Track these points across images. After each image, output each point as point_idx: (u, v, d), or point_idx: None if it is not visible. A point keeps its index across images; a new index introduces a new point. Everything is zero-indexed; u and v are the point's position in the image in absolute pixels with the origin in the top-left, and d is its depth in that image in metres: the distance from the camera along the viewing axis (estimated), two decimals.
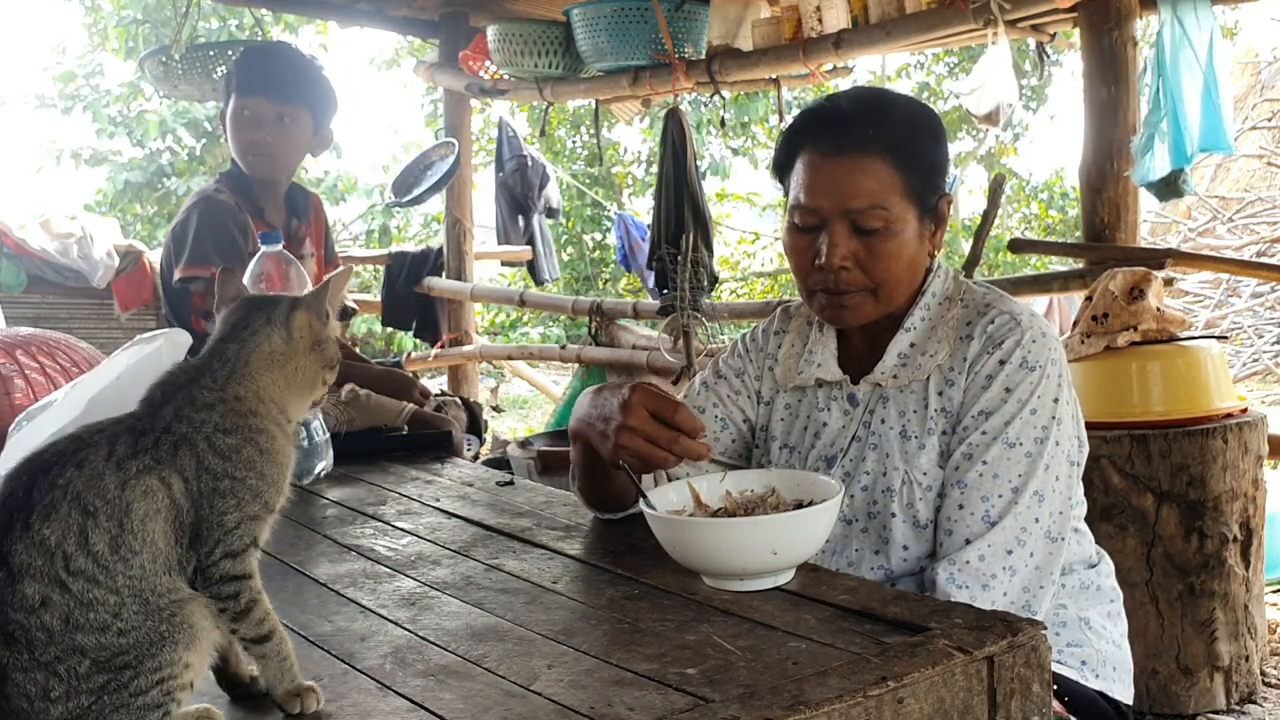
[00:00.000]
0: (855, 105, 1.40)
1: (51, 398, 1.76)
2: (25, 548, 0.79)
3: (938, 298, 1.44)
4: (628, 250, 8.34)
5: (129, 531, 0.83)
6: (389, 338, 9.26)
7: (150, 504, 0.85)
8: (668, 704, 0.87)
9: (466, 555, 1.33)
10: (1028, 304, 1.50)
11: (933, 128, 1.42)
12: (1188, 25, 3.03)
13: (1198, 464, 2.57)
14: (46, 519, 0.80)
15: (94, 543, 0.81)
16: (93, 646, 0.79)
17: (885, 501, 1.38)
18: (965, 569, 1.28)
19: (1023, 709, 0.95)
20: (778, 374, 1.53)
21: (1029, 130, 11.50)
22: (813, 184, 1.38)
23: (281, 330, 0.94)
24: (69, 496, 0.82)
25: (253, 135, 2.36)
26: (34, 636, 0.78)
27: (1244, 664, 2.66)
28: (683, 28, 4.05)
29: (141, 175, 10.55)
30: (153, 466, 0.85)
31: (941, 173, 1.42)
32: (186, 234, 2.30)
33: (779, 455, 1.51)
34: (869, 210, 1.35)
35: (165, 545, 0.85)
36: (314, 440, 1.75)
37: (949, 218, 1.46)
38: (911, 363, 1.41)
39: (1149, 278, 2.74)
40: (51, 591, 0.79)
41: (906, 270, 1.40)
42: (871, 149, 1.35)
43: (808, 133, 1.40)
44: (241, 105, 2.36)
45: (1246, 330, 6.99)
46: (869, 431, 1.42)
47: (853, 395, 1.45)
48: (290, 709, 0.90)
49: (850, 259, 1.37)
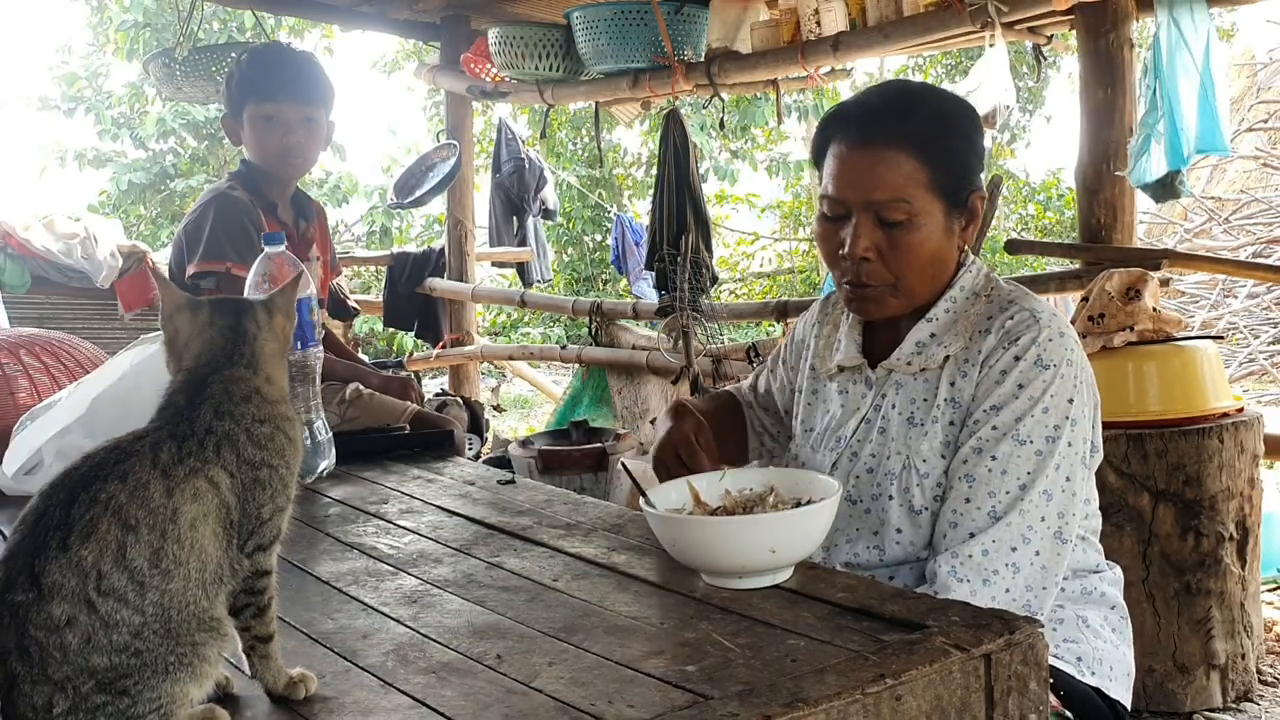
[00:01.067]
0: (884, 99, 1.42)
1: (55, 398, 1.77)
2: (60, 568, 0.78)
3: (965, 292, 1.45)
4: (621, 253, 8.37)
5: (173, 540, 0.82)
6: (390, 338, 9.27)
7: (200, 507, 0.85)
8: (667, 701, 0.87)
9: (468, 553, 1.34)
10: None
11: (964, 124, 1.43)
12: (1184, 27, 3.04)
13: (1194, 463, 2.58)
14: (85, 539, 0.79)
15: (132, 558, 0.80)
16: (103, 667, 0.78)
17: (885, 484, 1.40)
18: (967, 562, 1.29)
19: (1020, 706, 0.95)
20: (816, 366, 1.59)
21: (1026, 132, 11.51)
22: (839, 175, 1.41)
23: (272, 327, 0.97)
24: (110, 511, 0.81)
25: (285, 139, 2.38)
26: (50, 654, 0.77)
27: (1240, 662, 2.67)
28: (682, 30, 4.06)
29: (145, 176, 10.56)
30: (199, 468, 0.86)
31: (971, 168, 1.43)
32: (201, 230, 2.31)
33: (801, 436, 1.57)
34: (891, 202, 1.37)
35: (215, 550, 0.85)
36: (316, 439, 1.75)
37: (983, 213, 1.47)
38: (927, 351, 1.42)
39: (1145, 278, 2.75)
40: (78, 612, 0.78)
41: (929, 264, 1.41)
42: (895, 142, 1.37)
43: (838, 125, 1.43)
44: (267, 111, 2.37)
45: (1242, 330, 7.00)
46: (878, 414, 1.45)
47: (868, 378, 1.48)
48: (296, 696, 0.92)
49: (873, 250, 1.39)
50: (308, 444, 1.74)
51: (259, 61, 2.48)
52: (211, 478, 0.87)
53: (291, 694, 0.92)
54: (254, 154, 2.43)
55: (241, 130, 2.43)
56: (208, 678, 0.85)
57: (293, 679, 0.93)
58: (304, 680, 0.93)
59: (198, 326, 0.94)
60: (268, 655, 0.92)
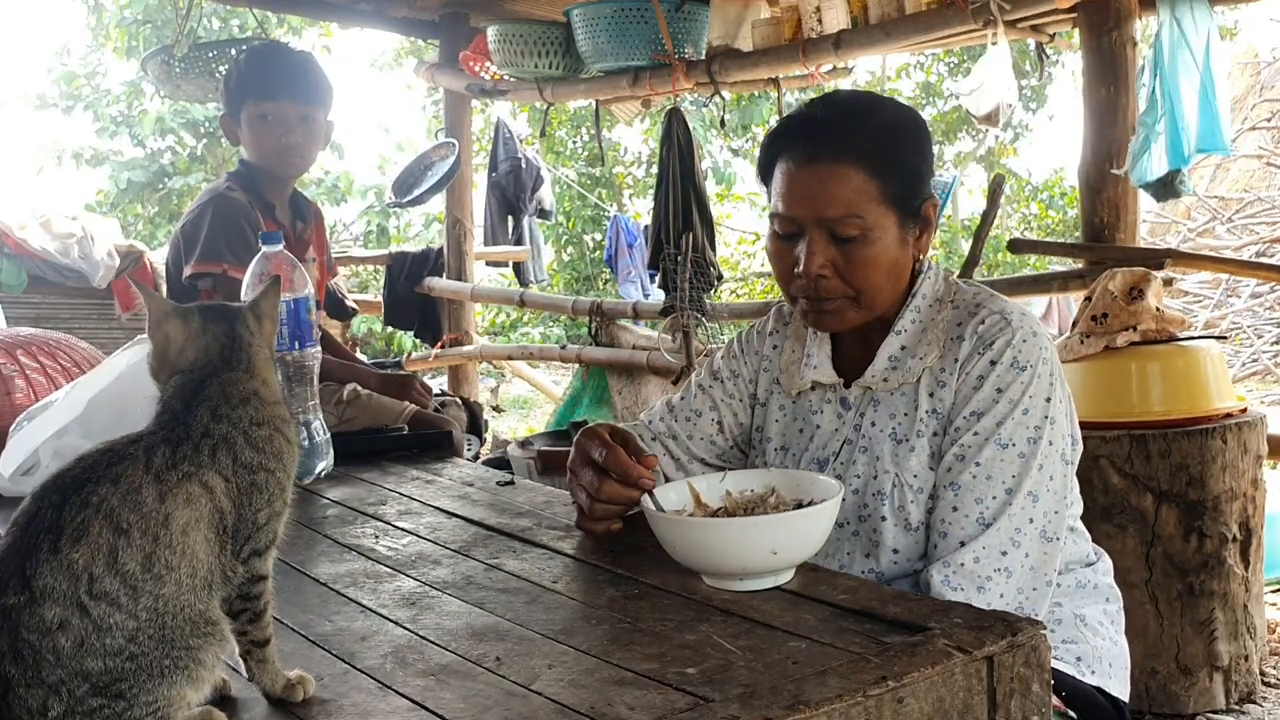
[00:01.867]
0: (830, 113, 1.39)
1: (52, 397, 1.77)
2: (50, 571, 0.78)
3: (928, 299, 1.44)
4: (614, 252, 8.38)
5: (165, 545, 0.82)
6: (389, 338, 9.27)
7: (192, 512, 0.84)
8: (668, 703, 0.87)
9: (467, 555, 1.33)
10: (1026, 304, 1.50)
11: (912, 133, 1.41)
12: (1185, 26, 3.03)
13: (1197, 464, 2.57)
14: (76, 542, 0.79)
15: (124, 562, 0.79)
16: (98, 671, 0.78)
17: (875, 505, 1.38)
18: (960, 571, 1.28)
19: (1022, 708, 0.95)
20: (783, 381, 1.53)
21: (1029, 130, 11.52)
22: (789, 193, 1.38)
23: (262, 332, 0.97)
24: (101, 515, 0.80)
25: (284, 138, 2.38)
26: (43, 658, 0.77)
27: (1243, 664, 2.66)
28: (683, 28, 4.05)
29: (143, 175, 10.56)
30: (193, 472, 0.85)
31: (922, 178, 1.41)
32: (199, 231, 2.30)
33: (774, 457, 1.52)
34: (844, 219, 1.35)
35: (206, 556, 0.85)
36: (314, 440, 1.74)
37: (936, 221, 1.45)
38: (902, 365, 1.41)
39: (1148, 278, 2.74)
40: (70, 615, 0.77)
41: (887, 276, 1.39)
42: (845, 157, 1.35)
43: (785, 140, 1.40)
44: (265, 110, 2.37)
45: (1246, 330, 7.00)
46: (860, 434, 1.42)
47: (845, 399, 1.45)
48: (295, 698, 0.92)
49: (828, 267, 1.37)
50: (305, 445, 1.74)
51: (257, 60, 2.47)
52: (205, 482, 0.86)
53: (289, 696, 0.92)
54: (252, 153, 2.43)
55: (240, 129, 2.42)
56: (205, 681, 0.84)
57: (290, 681, 0.92)
58: (302, 682, 0.93)
59: (190, 333, 0.93)
60: (265, 659, 0.92)
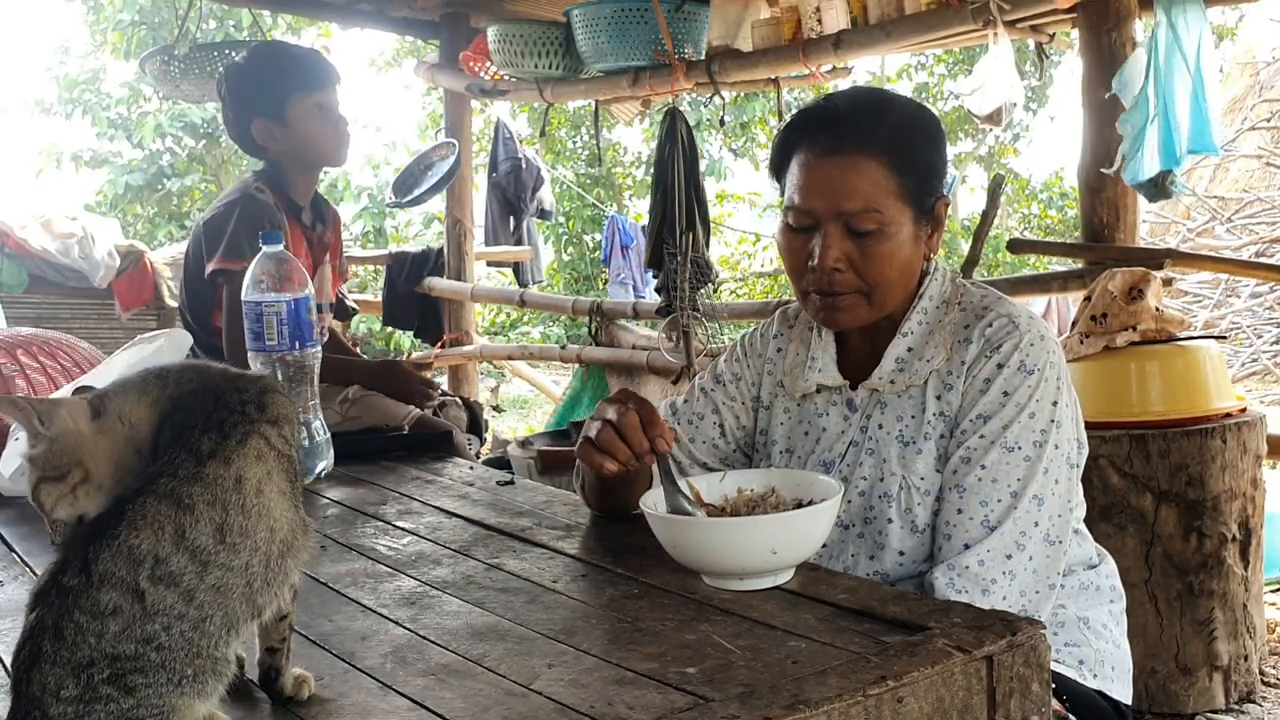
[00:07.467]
0: (851, 105, 1.39)
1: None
2: (111, 555, 0.78)
3: (935, 300, 1.43)
4: (610, 252, 8.39)
5: (239, 509, 0.82)
6: (388, 337, 9.27)
7: (262, 467, 0.85)
8: (667, 703, 0.87)
9: (467, 555, 1.33)
10: (1026, 304, 1.49)
11: (930, 129, 1.41)
12: (1179, 28, 3.03)
13: (1197, 464, 2.57)
14: (135, 527, 0.79)
15: (194, 537, 0.79)
16: (128, 655, 0.77)
17: (882, 507, 1.37)
18: (964, 574, 1.28)
19: (1022, 708, 0.95)
20: (787, 385, 1.53)
21: (1028, 131, 11.53)
22: (807, 185, 1.37)
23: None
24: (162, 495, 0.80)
25: (341, 126, 2.40)
26: (84, 638, 0.77)
27: (1243, 663, 2.66)
28: (683, 28, 4.05)
29: (142, 176, 10.57)
30: (250, 432, 0.86)
31: (938, 175, 1.41)
32: (224, 228, 2.29)
33: (779, 460, 1.51)
34: (863, 213, 1.34)
35: (282, 512, 0.86)
36: (315, 440, 1.75)
37: (946, 220, 1.45)
38: (909, 368, 1.40)
39: (1148, 278, 2.74)
40: (124, 600, 0.77)
41: (901, 273, 1.39)
42: (866, 150, 1.34)
43: (803, 132, 1.39)
44: (318, 101, 2.37)
45: (1245, 330, 7.00)
46: (866, 437, 1.42)
47: (851, 401, 1.45)
48: (301, 696, 0.93)
49: (843, 261, 1.36)
50: (305, 444, 1.74)
51: (286, 56, 2.45)
52: (264, 434, 0.87)
53: (298, 692, 0.93)
54: (303, 148, 2.39)
55: (280, 128, 2.37)
56: (210, 697, 0.84)
57: (298, 677, 0.93)
58: (303, 681, 0.93)
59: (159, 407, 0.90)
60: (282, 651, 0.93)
